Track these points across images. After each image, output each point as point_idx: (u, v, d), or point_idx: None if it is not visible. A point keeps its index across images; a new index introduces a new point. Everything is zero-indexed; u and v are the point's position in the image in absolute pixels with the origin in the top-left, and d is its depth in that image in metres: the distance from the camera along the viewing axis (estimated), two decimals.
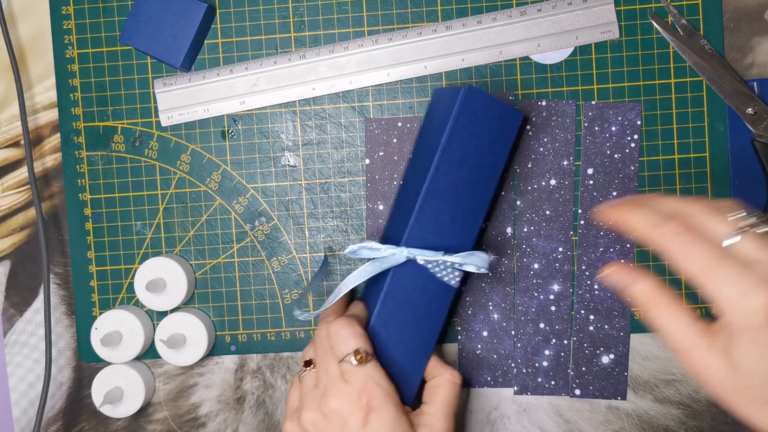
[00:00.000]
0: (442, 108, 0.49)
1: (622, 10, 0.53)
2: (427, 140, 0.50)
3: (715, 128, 0.53)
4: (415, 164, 0.50)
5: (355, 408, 0.45)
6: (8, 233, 0.56)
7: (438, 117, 0.49)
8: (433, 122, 0.50)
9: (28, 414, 0.56)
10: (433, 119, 0.50)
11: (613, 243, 0.53)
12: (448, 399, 0.48)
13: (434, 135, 0.48)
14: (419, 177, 0.48)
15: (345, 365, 0.46)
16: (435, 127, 0.49)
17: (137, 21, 0.53)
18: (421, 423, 0.47)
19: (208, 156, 0.55)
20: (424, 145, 0.50)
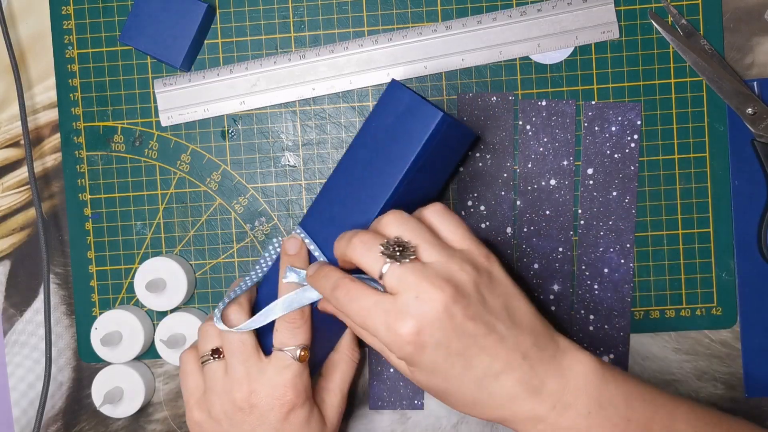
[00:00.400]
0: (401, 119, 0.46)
1: (622, 10, 0.53)
2: (383, 154, 0.47)
3: (715, 128, 0.53)
4: (361, 165, 0.47)
5: (277, 404, 0.45)
6: (8, 233, 0.56)
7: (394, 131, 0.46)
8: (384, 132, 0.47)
9: (28, 414, 0.56)
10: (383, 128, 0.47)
11: (613, 243, 0.53)
12: (346, 374, 0.50)
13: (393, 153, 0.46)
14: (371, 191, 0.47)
15: (282, 356, 0.46)
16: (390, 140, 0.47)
17: (137, 21, 0.53)
18: (323, 401, 0.49)
19: (208, 156, 0.55)
20: (376, 153, 0.47)
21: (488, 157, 0.53)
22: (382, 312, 0.39)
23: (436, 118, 0.45)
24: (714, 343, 0.53)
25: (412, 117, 0.46)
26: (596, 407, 0.40)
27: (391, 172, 0.46)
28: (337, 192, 0.47)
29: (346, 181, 0.47)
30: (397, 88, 0.46)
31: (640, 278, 0.53)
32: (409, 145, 0.45)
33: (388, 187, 0.46)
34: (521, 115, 0.53)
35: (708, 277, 0.53)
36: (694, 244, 0.53)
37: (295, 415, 0.46)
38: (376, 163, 0.46)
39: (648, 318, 0.53)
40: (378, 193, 0.46)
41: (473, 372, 0.39)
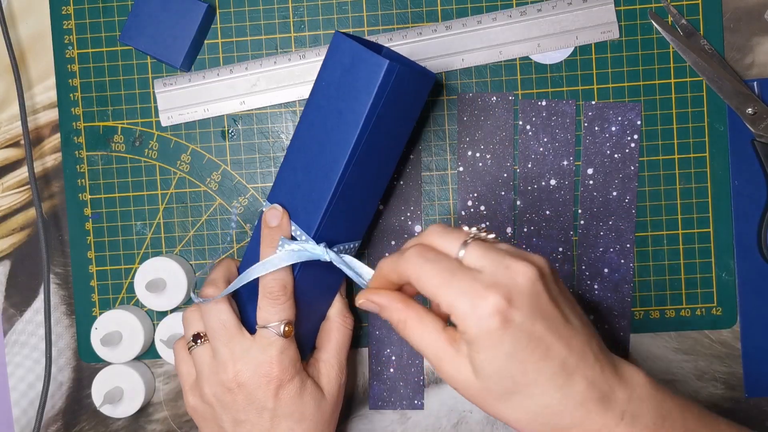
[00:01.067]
0: (349, 72, 0.44)
1: (622, 10, 0.53)
2: (335, 112, 0.45)
3: (715, 128, 0.53)
4: (317, 127, 0.46)
5: (263, 382, 0.45)
6: (8, 233, 0.56)
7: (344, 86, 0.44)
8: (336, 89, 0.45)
9: (28, 414, 0.56)
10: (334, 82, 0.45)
11: (613, 243, 0.53)
12: (340, 343, 0.50)
13: (346, 113, 0.44)
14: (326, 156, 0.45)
15: (266, 334, 0.45)
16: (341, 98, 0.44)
17: (137, 21, 0.53)
18: (320, 372, 0.48)
19: (208, 156, 0.55)
20: (328, 111, 0.45)
21: (488, 157, 0.53)
22: (467, 280, 0.36)
23: (383, 68, 0.42)
24: (714, 343, 0.53)
25: (358, 69, 0.43)
26: (660, 419, 0.37)
27: (346, 130, 0.43)
28: (298, 158, 0.46)
29: (305, 145, 0.45)
30: (340, 40, 0.44)
31: (640, 278, 0.53)
32: (360, 100, 0.43)
33: (345, 146, 0.43)
34: (521, 115, 0.53)
35: (708, 277, 0.53)
36: (694, 244, 0.53)
37: (285, 391, 0.46)
38: (330, 123, 0.44)
39: (648, 318, 0.53)
40: (336, 154, 0.44)
41: (550, 363, 0.36)
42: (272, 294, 0.45)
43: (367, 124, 0.43)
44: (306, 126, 0.45)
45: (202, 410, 0.47)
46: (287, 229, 0.46)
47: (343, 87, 0.43)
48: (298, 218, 0.46)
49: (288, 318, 0.46)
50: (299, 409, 0.46)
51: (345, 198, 0.45)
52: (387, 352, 0.54)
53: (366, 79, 0.42)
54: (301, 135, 0.46)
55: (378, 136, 0.44)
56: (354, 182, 0.45)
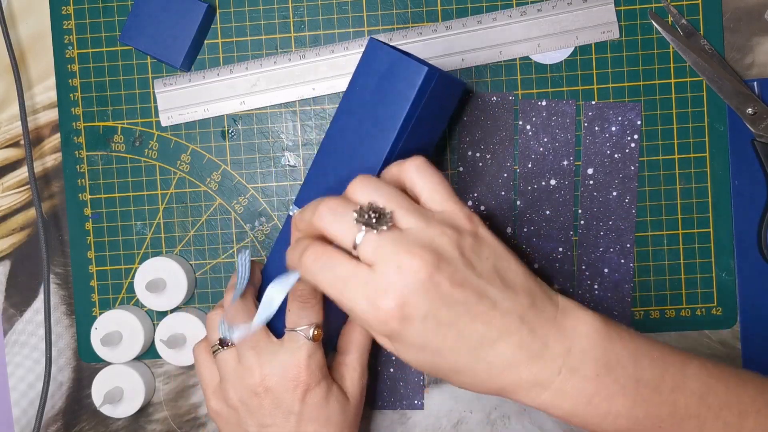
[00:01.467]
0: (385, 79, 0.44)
1: (622, 10, 0.53)
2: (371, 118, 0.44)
3: (715, 128, 0.53)
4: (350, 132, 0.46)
5: (291, 386, 0.45)
6: (8, 233, 0.56)
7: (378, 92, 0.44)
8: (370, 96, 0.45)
9: (28, 414, 0.56)
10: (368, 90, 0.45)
11: (613, 243, 0.53)
12: (362, 345, 0.49)
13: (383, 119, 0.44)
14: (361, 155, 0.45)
15: (295, 337, 0.45)
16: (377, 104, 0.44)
17: (137, 21, 0.53)
18: (343, 376, 0.48)
19: (208, 156, 0.55)
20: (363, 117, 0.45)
21: (488, 157, 0.53)
22: (361, 285, 0.36)
23: (422, 74, 0.42)
24: (714, 343, 0.53)
25: (396, 76, 0.43)
26: (603, 369, 0.37)
27: (381, 137, 0.44)
28: (328, 163, 0.46)
29: (336, 151, 0.45)
30: (376, 48, 0.44)
31: (640, 278, 0.53)
32: (397, 106, 0.43)
33: (380, 152, 0.44)
34: (521, 115, 0.53)
35: (708, 277, 0.53)
36: (694, 244, 0.53)
37: (311, 395, 0.45)
38: (365, 129, 0.44)
39: (648, 318, 0.53)
40: (371, 159, 0.44)
41: (467, 342, 0.37)
42: (302, 297, 0.45)
43: (404, 129, 0.43)
44: (337, 131, 0.45)
45: (227, 415, 0.47)
46: None
47: (380, 93, 0.44)
48: None
49: (317, 321, 0.45)
50: (325, 413, 0.46)
51: None
52: (387, 352, 0.54)
53: (404, 85, 0.43)
54: (332, 140, 0.45)
55: (412, 142, 0.44)
56: None
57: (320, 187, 0.46)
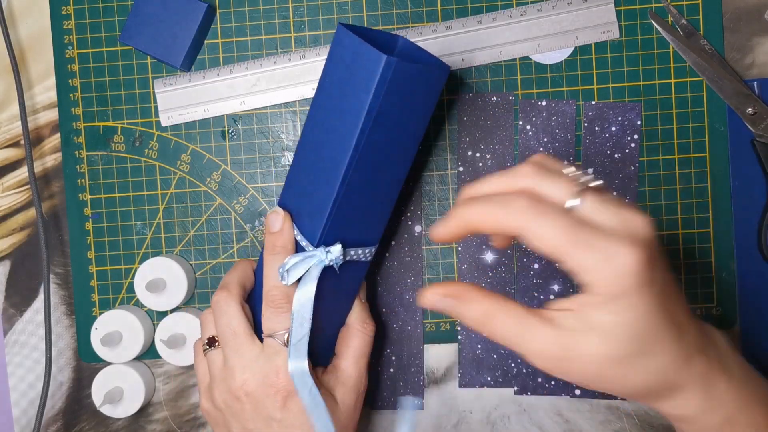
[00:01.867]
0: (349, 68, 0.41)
1: (622, 10, 0.53)
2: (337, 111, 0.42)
3: (715, 128, 0.53)
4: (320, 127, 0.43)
5: (271, 392, 0.44)
6: (8, 233, 0.56)
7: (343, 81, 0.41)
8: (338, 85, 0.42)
9: (28, 414, 0.56)
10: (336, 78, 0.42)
11: None
12: (359, 350, 0.48)
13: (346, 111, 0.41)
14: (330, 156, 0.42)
15: (272, 343, 0.44)
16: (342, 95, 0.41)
17: (137, 21, 0.53)
18: (336, 380, 0.47)
19: (208, 156, 0.55)
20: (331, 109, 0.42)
21: (488, 157, 0.53)
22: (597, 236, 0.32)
23: (380, 63, 0.38)
24: None
25: (358, 65, 0.40)
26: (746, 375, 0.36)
27: (346, 131, 0.40)
28: (303, 160, 0.44)
29: (310, 146, 0.43)
30: (343, 34, 0.41)
31: None
32: (359, 98, 0.40)
33: (346, 147, 0.41)
34: (521, 115, 0.53)
35: (708, 277, 0.53)
36: (694, 244, 0.53)
37: (293, 401, 0.44)
38: (332, 123, 0.41)
39: None
40: (338, 156, 0.41)
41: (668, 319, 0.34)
42: (275, 302, 0.45)
43: (368, 123, 0.40)
44: (310, 126, 0.44)
45: (214, 415, 0.47)
46: (290, 233, 0.45)
47: (345, 84, 0.41)
48: (303, 222, 0.44)
49: None
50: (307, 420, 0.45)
51: (351, 201, 0.43)
52: (387, 352, 0.54)
53: (365, 76, 0.39)
54: (306, 136, 0.44)
55: (383, 134, 0.41)
56: (361, 184, 0.43)
57: (297, 185, 0.45)
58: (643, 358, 0.34)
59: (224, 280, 0.48)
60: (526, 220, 0.33)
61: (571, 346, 0.34)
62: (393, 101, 0.40)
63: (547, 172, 0.35)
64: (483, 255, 0.53)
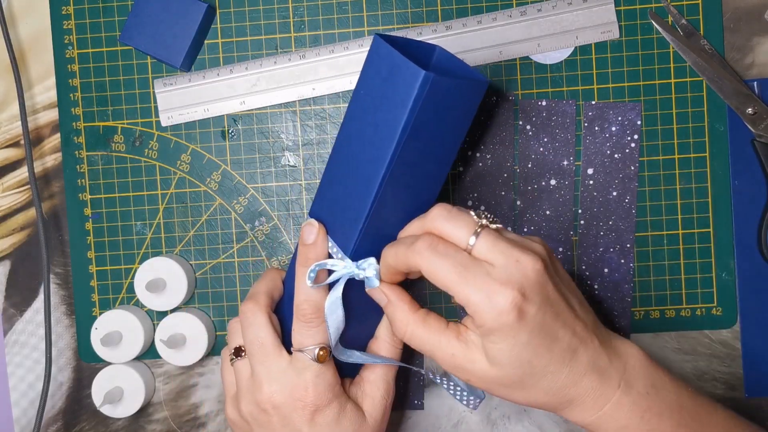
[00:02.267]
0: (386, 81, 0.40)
1: (622, 10, 0.53)
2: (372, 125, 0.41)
3: (715, 128, 0.53)
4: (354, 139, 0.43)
5: (299, 406, 0.44)
6: (8, 233, 0.56)
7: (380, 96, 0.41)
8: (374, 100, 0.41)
9: (28, 414, 0.56)
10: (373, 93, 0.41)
11: (613, 243, 0.53)
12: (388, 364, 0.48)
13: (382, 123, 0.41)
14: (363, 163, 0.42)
15: (301, 357, 0.44)
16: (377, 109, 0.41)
17: (137, 21, 0.53)
18: (364, 393, 0.47)
19: (208, 156, 0.55)
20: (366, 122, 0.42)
21: (488, 157, 0.53)
22: (480, 276, 0.37)
23: (418, 79, 0.38)
24: (714, 343, 0.53)
25: (395, 79, 0.39)
26: (652, 388, 0.40)
27: (381, 146, 0.40)
28: (336, 171, 0.43)
29: (343, 158, 0.43)
30: (380, 46, 0.40)
31: (640, 278, 0.53)
32: (395, 113, 0.39)
33: (381, 162, 0.40)
34: (521, 115, 0.53)
35: (708, 277, 0.53)
36: (694, 244, 0.53)
37: (321, 416, 0.44)
38: (366, 136, 0.41)
39: (648, 318, 0.53)
40: (372, 169, 0.41)
41: (558, 345, 0.39)
42: (305, 317, 0.44)
43: (403, 137, 0.39)
44: (344, 137, 0.43)
45: (240, 425, 0.46)
46: (323, 246, 0.44)
47: (380, 98, 0.40)
48: (335, 234, 0.44)
49: (323, 341, 0.44)
50: None
51: (383, 215, 0.42)
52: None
53: (402, 91, 0.39)
54: (339, 147, 0.43)
55: (418, 149, 0.41)
56: (394, 198, 0.42)
57: (328, 196, 0.44)
58: (530, 381, 0.39)
59: (253, 289, 0.47)
60: (422, 259, 0.39)
61: (472, 360, 0.40)
62: (429, 116, 0.40)
63: (453, 215, 0.40)
64: None
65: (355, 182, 0.42)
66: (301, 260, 0.45)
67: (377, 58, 0.40)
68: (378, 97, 0.40)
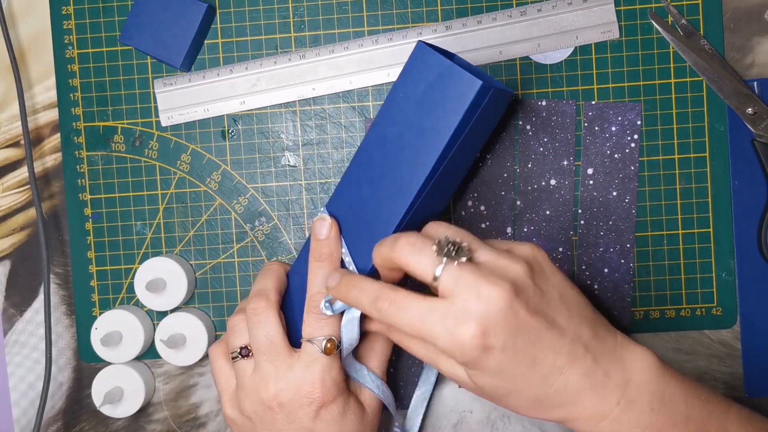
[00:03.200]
0: (433, 87, 0.42)
1: (622, 10, 0.53)
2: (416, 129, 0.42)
3: (715, 128, 0.53)
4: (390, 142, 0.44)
5: (305, 402, 0.44)
6: (8, 233, 0.56)
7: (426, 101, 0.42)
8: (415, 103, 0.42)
9: (28, 414, 0.56)
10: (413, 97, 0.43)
11: (613, 243, 0.53)
12: (383, 354, 0.48)
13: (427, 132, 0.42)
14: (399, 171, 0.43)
15: (310, 350, 0.44)
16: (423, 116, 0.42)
17: (137, 21, 0.53)
18: (362, 387, 0.47)
19: (208, 156, 0.55)
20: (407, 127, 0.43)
21: (488, 157, 0.53)
22: (440, 317, 0.37)
23: (475, 88, 0.40)
24: (714, 343, 0.53)
25: (445, 86, 0.41)
26: (659, 404, 0.39)
27: (426, 150, 0.41)
28: (366, 171, 0.43)
29: (374, 159, 0.43)
30: (425, 53, 0.42)
31: (640, 278, 0.53)
32: (446, 119, 0.41)
33: (425, 165, 0.41)
34: (521, 115, 0.53)
35: (708, 277, 0.53)
36: (694, 244, 0.53)
37: (327, 411, 0.44)
38: (407, 140, 0.42)
39: (648, 318, 0.53)
40: (414, 172, 0.42)
41: (539, 369, 0.38)
42: (317, 309, 0.44)
43: (452, 144, 0.41)
44: (377, 139, 0.43)
45: (241, 423, 0.46)
46: (336, 242, 0.45)
47: (427, 103, 0.41)
48: (362, 234, 0.44)
49: (332, 334, 0.44)
50: (340, 428, 0.45)
51: (414, 217, 0.43)
52: None
53: (454, 98, 0.40)
54: (369, 148, 0.43)
55: (456, 156, 0.42)
56: (426, 200, 0.43)
57: (353, 196, 0.44)
58: (512, 396, 0.39)
59: (260, 285, 0.47)
60: (392, 310, 0.39)
61: (455, 374, 0.41)
62: (473, 124, 0.42)
63: (417, 248, 0.39)
64: None
65: (389, 183, 0.42)
66: (314, 255, 0.45)
67: (423, 65, 0.42)
68: (423, 102, 0.41)
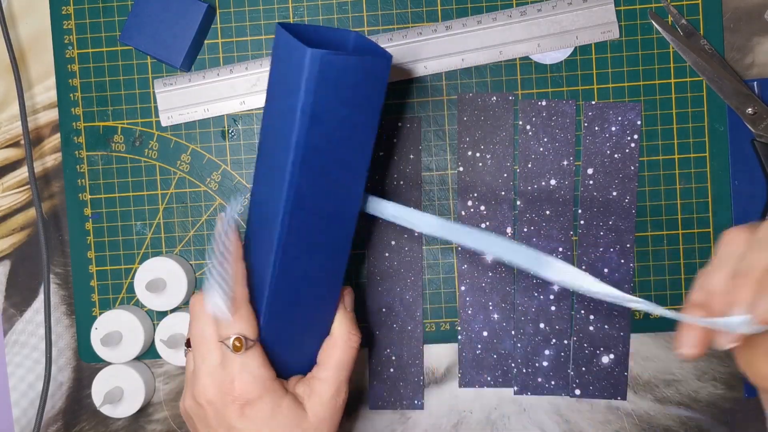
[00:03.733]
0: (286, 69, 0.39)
1: (622, 10, 0.53)
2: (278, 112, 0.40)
3: (715, 128, 0.53)
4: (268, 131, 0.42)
5: (228, 400, 0.43)
6: (8, 233, 0.56)
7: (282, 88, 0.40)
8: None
9: (28, 414, 0.56)
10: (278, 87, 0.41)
11: (613, 243, 0.53)
12: (340, 362, 0.46)
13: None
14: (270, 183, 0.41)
15: (225, 350, 0.43)
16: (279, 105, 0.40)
17: (137, 21, 0.53)
18: (312, 391, 0.45)
19: (208, 156, 0.55)
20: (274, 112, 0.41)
21: (488, 157, 0.53)
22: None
23: (305, 58, 0.37)
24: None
25: (291, 61, 0.38)
26: None
27: (285, 133, 0.39)
28: (259, 167, 0.43)
29: (263, 152, 0.42)
30: (279, 33, 0.39)
31: (640, 278, 0.53)
32: (292, 97, 0.38)
33: (288, 149, 0.39)
34: (521, 115, 0.53)
35: None
36: (694, 244, 0.53)
37: (252, 410, 0.43)
38: (275, 125, 0.40)
39: (648, 318, 0.53)
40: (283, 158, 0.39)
41: None
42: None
43: (304, 122, 0.38)
44: (263, 131, 0.43)
45: (186, 417, 0.46)
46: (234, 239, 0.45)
47: (282, 84, 0.39)
48: (263, 243, 0.43)
49: (241, 332, 0.43)
50: (271, 429, 0.43)
51: (305, 205, 0.41)
52: (387, 352, 0.54)
53: (296, 72, 0.38)
54: (260, 143, 0.44)
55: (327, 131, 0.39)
56: (317, 193, 0.41)
57: (256, 192, 0.44)
58: None
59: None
60: None
61: None
62: (330, 98, 0.39)
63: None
64: (483, 255, 0.53)
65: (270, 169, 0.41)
66: None
67: (278, 46, 0.40)
68: (280, 84, 0.40)
